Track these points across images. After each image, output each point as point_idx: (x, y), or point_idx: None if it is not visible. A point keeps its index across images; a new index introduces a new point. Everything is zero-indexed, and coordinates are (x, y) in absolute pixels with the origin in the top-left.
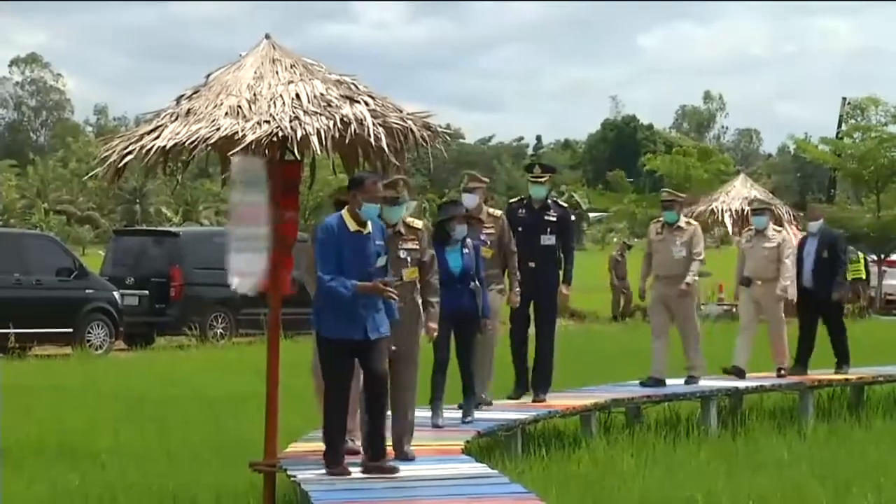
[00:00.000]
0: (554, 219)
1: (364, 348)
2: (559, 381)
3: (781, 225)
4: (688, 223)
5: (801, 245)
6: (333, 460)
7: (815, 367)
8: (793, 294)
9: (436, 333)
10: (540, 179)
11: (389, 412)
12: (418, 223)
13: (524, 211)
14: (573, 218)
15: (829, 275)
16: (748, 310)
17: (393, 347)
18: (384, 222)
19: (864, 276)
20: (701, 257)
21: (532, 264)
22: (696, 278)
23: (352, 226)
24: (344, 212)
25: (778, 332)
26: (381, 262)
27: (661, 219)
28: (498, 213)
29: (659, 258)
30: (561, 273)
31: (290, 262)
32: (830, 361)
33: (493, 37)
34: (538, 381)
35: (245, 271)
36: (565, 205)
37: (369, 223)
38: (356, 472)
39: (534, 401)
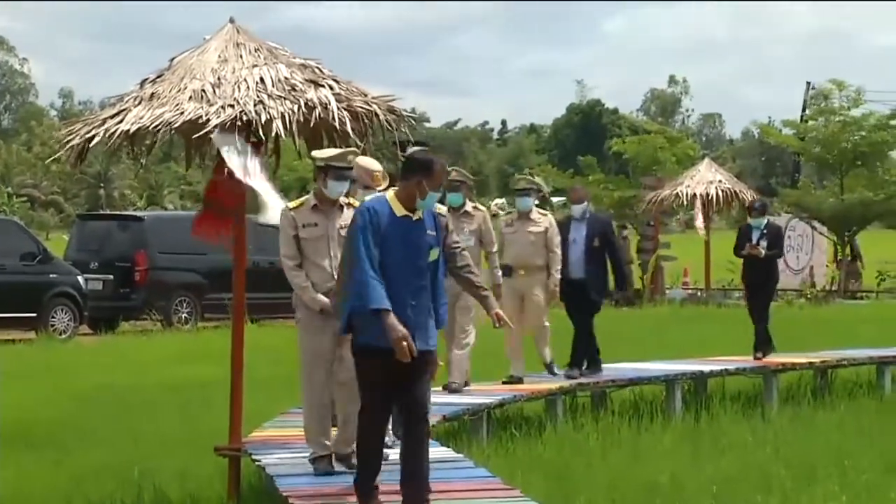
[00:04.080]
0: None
1: (407, 362)
2: (530, 365)
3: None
4: (475, 208)
5: (564, 230)
6: (366, 491)
7: (781, 350)
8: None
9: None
10: None
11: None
12: (442, 208)
13: None
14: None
15: (603, 268)
16: (512, 304)
17: (441, 363)
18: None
19: (848, 257)
20: (494, 249)
21: None
22: (498, 272)
23: (398, 210)
24: (390, 193)
25: (543, 327)
26: (434, 255)
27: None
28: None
29: None
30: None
31: (225, 225)
32: (793, 345)
33: (457, 20)
34: None
35: (270, 204)
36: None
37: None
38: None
39: None
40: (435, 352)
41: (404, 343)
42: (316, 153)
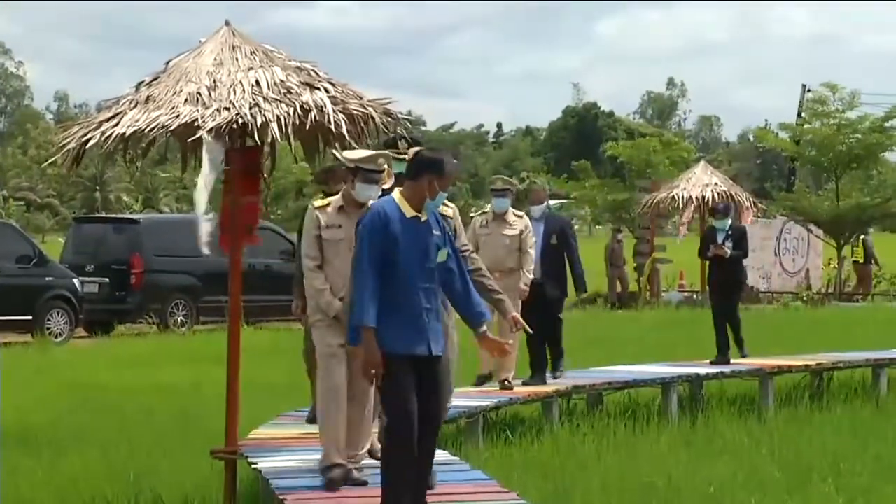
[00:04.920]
0: None
1: (426, 368)
2: (523, 368)
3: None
4: (444, 205)
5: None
6: None
7: (777, 352)
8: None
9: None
10: (402, 156)
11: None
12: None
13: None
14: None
15: (561, 268)
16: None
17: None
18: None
19: (861, 260)
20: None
21: None
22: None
23: (408, 211)
24: (397, 195)
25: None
26: (443, 256)
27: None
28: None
29: None
30: None
31: (254, 241)
32: (789, 347)
33: (453, 22)
34: None
35: (208, 239)
36: None
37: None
38: None
39: None
40: (443, 356)
41: (372, 371)
42: (347, 153)
